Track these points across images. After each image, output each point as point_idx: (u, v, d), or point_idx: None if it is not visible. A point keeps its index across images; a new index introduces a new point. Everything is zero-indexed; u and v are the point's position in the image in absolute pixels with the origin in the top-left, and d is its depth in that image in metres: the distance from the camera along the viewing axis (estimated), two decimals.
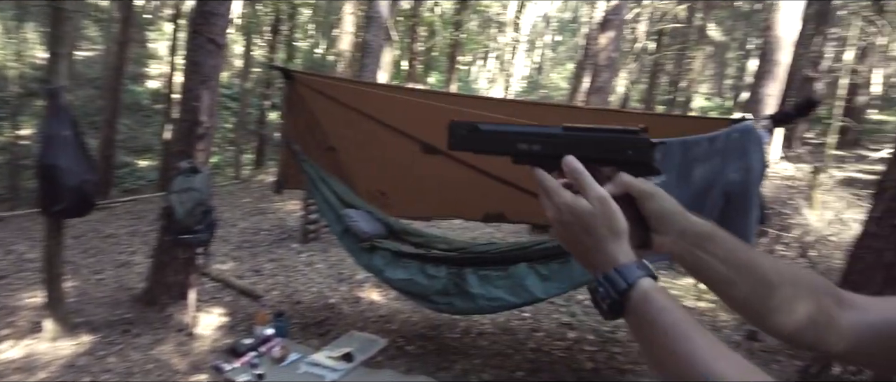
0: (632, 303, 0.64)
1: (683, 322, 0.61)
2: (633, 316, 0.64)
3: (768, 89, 6.75)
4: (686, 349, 0.59)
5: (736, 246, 0.81)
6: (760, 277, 0.78)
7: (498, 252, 3.67)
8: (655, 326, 0.62)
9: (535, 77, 29.68)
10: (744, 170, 2.99)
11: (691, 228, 0.77)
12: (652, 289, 0.64)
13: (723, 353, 0.59)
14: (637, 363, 3.89)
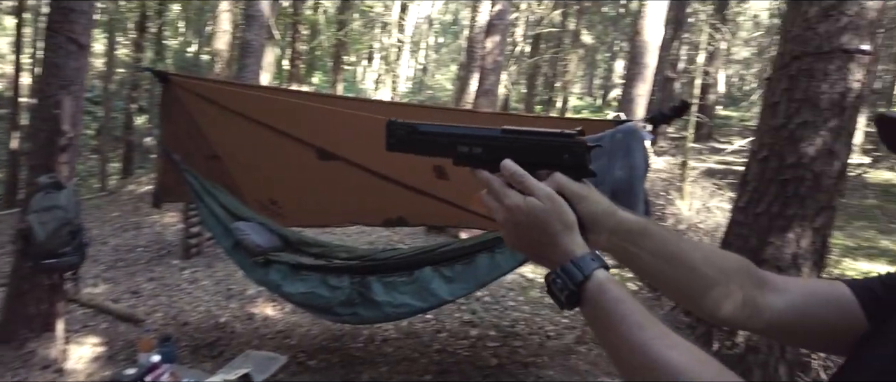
0: (588, 294, 0.66)
1: (637, 312, 0.64)
2: (589, 306, 0.67)
3: (638, 90, 7.33)
4: (640, 338, 0.62)
5: (667, 239, 0.87)
6: (691, 267, 0.84)
7: (401, 257, 3.65)
8: (611, 316, 0.64)
9: (420, 78, 29.97)
10: (628, 168, 3.21)
11: (622, 225, 0.82)
12: (607, 280, 0.67)
13: (675, 342, 0.62)
14: (538, 355, 4.05)
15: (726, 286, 0.87)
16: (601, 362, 3.88)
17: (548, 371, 3.78)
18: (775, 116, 2.78)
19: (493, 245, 3.38)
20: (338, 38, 14.75)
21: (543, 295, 5.45)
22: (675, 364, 0.59)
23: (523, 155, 0.79)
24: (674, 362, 0.59)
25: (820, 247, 2.74)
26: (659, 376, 0.59)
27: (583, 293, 0.67)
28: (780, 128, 2.75)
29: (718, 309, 0.87)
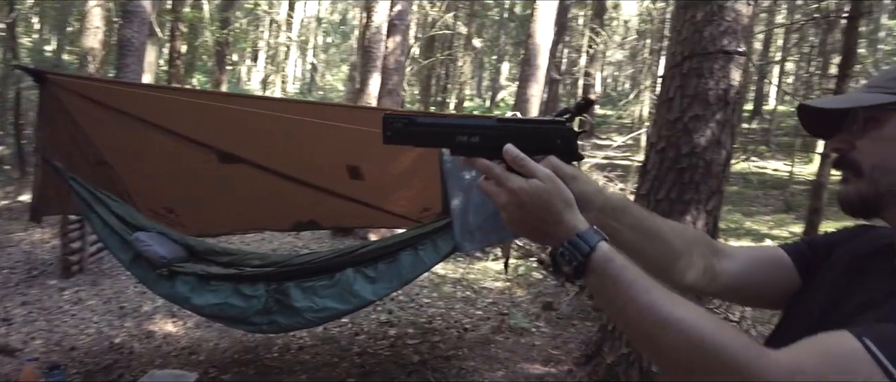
0: (594, 264, 0.70)
1: (641, 277, 0.69)
2: (596, 276, 0.70)
3: (531, 91, 7.70)
4: (648, 299, 0.67)
5: (643, 215, 0.97)
6: (663, 240, 0.95)
7: (319, 261, 3.55)
8: (619, 281, 0.69)
9: (309, 79, 29.19)
10: None
11: (609, 203, 0.92)
12: (610, 250, 0.71)
13: (679, 301, 0.67)
14: (458, 348, 4.13)
15: (690, 256, 0.99)
16: (519, 349, 4.04)
17: (469, 361, 3.87)
18: (671, 111, 3.06)
19: (415, 242, 3.40)
20: (222, 36, 13.98)
21: (456, 289, 5.57)
22: (682, 319, 0.65)
23: (519, 141, 0.82)
24: (681, 317, 0.65)
25: (712, 228, 3.07)
26: (669, 332, 0.65)
27: (589, 264, 0.70)
28: (675, 121, 3.03)
29: (684, 276, 0.97)
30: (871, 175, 0.77)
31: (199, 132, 3.78)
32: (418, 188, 4.31)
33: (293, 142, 3.82)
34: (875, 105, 0.77)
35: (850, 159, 0.81)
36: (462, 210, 3.31)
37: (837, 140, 0.83)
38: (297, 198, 4.28)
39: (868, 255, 0.87)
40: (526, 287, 5.57)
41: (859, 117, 0.79)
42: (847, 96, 0.86)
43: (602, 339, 3.31)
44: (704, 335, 0.64)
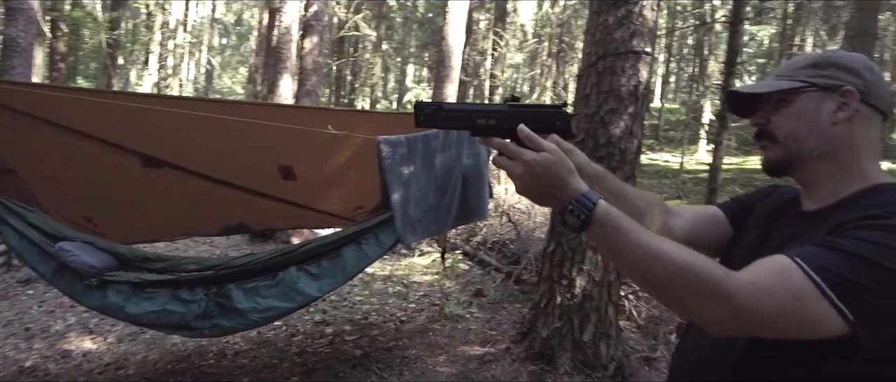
0: (596, 216, 0.88)
1: (634, 224, 0.88)
2: (598, 226, 0.88)
3: (447, 91, 7.95)
4: (643, 239, 0.86)
5: (617, 183, 1.23)
6: (631, 202, 1.20)
7: (260, 261, 3.53)
8: (619, 229, 0.87)
9: (205, 81, 27.81)
10: (474, 156, 3.61)
11: (595, 172, 1.18)
12: (608, 205, 0.89)
13: (663, 239, 0.89)
14: (398, 339, 4.25)
15: (652, 214, 1.24)
16: (457, 334, 4.24)
17: (410, 350, 4.01)
18: (588, 106, 3.39)
19: (357, 237, 3.48)
20: (111, 37, 13.04)
21: (387, 286, 5.69)
22: (669, 252, 0.85)
23: (527, 122, 1.02)
24: (668, 250, 0.85)
25: None
26: (660, 263, 0.84)
27: (592, 216, 0.88)
28: (592, 115, 3.36)
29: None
30: (784, 142, 1.00)
31: (118, 136, 3.62)
32: (352, 186, 4.39)
33: (223, 144, 3.77)
34: (784, 89, 1.00)
35: (768, 131, 1.03)
36: (403, 203, 3.45)
37: (758, 117, 1.05)
38: (226, 201, 4.20)
39: (781, 206, 1.14)
40: (454, 278, 5.80)
41: (773, 99, 1.02)
42: (764, 83, 1.07)
43: (535, 316, 3.59)
44: (687, 262, 0.84)
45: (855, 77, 0.97)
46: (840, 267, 0.79)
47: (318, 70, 6.56)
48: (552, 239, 3.52)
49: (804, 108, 0.99)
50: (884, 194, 0.91)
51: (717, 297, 0.81)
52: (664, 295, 0.89)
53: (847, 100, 0.95)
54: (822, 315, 0.78)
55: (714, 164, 3.55)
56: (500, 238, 5.87)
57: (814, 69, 1.00)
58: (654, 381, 3.39)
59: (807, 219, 1.00)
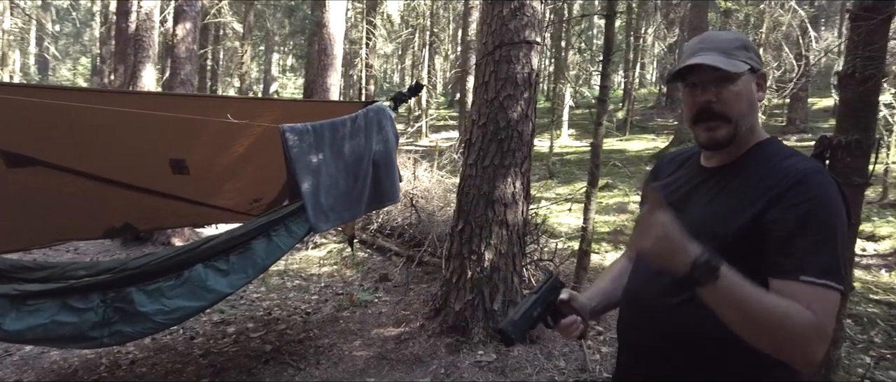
0: (722, 275, 0.97)
1: (748, 282, 0.98)
2: (724, 281, 0.97)
3: (330, 80, 7.87)
4: (757, 295, 0.98)
5: (598, 289, 1.42)
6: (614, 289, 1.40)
7: (160, 261, 3.32)
8: (738, 287, 0.97)
9: (38, 73, 24.48)
10: (384, 142, 3.68)
11: (596, 302, 1.38)
12: (726, 266, 0.98)
13: (769, 293, 1.00)
14: (308, 330, 4.23)
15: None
16: (368, 319, 4.31)
17: (323, 340, 4.02)
18: (487, 92, 3.63)
19: (267, 229, 3.42)
20: None
21: (284, 280, 5.59)
22: (776, 305, 0.98)
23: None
24: (775, 304, 0.98)
25: (526, 186, 3.74)
26: (771, 315, 0.97)
27: (719, 274, 0.97)
28: (491, 100, 3.60)
29: None
30: (737, 122, 1.13)
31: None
32: (249, 178, 4.25)
33: (105, 138, 3.49)
34: (734, 71, 1.10)
35: (719, 112, 1.13)
36: (313, 192, 3.44)
37: (706, 98, 1.14)
38: (109, 201, 3.89)
39: (679, 167, 1.33)
40: (354, 267, 5.83)
41: (712, 75, 1.11)
42: (717, 59, 1.12)
43: (447, 292, 3.78)
44: (784, 313, 0.97)
45: (759, 59, 1.17)
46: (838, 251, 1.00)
47: (191, 59, 6.17)
48: (460, 219, 3.72)
49: (745, 88, 1.13)
50: (769, 147, 1.16)
51: (797, 344, 0.98)
52: (759, 339, 1.00)
53: (761, 82, 1.16)
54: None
55: (595, 142, 3.96)
56: (398, 224, 5.99)
57: (745, 51, 1.14)
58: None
59: (719, 172, 1.20)
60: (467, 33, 13.87)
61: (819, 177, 1.05)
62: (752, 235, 1.05)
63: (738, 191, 1.12)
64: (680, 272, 1.00)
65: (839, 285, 0.98)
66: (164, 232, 6.07)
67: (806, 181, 1.04)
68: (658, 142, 14.07)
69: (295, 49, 24.42)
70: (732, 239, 1.06)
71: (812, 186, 1.04)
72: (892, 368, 3.45)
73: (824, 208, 1.02)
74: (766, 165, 1.12)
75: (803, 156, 1.13)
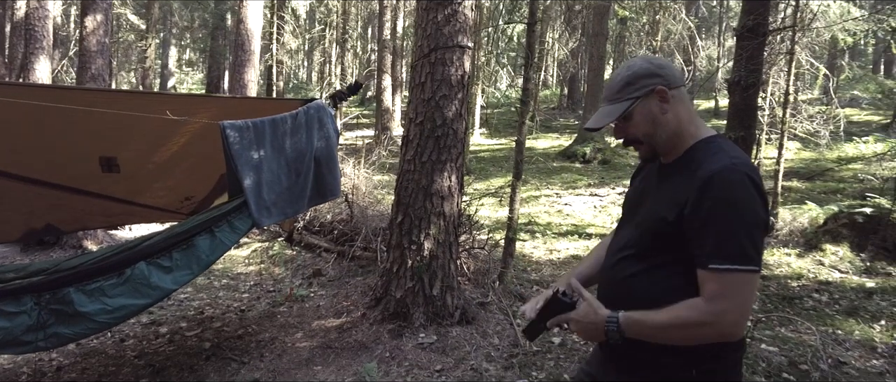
0: (622, 325, 1.32)
1: (644, 314, 1.30)
2: (628, 329, 1.31)
3: (248, 76, 7.74)
4: (652, 321, 1.29)
5: (585, 264, 1.70)
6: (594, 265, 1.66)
7: (98, 261, 3.26)
8: (637, 326, 1.31)
9: None
10: (325, 139, 3.81)
11: (581, 271, 1.68)
12: (625, 314, 1.32)
13: (661, 311, 1.28)
14: (245, 326, 4.25)
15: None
16: (306, 312, 4.41)
17: (263, 334, 4.07)
18: (424, 92, 3.86)
19: (209, 225, 3.44)
20: None
21: (211, 280, 5.53)
22: (669, 317, 1.27)
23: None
24: (668, 316, 1.27)
25: (460, 180, 4.02)
26: (670, 329, 1.27)
27: (622, 330, 1.32)
28: (428, 100, 3.84)
29: None
30: (646, 140, 1.41)
31: None
32: (182, 176, 4.21)
33: (26, 134, 3.36)
34: (621, 113, 1.39)
35: (632, 137, 1.42)
36: (255, 188, 3.51)
37: (619, 133, 1.45)
38: (31, 202, 3.73)
39: (648, 168, 1.60)
40: (281, 264, 5.84)
41: (620, 118, 1.42)
42: (605, 114, 1.43)
43: (388, 281, 3.97)
44: (677, 319, 1.26)
45: (656, 77, 1.38)
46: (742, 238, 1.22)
47: (103, 52, 5.86)
48: (399, 211, 3.93)
49: (642, 115, 1.39)
50: (707, 145, 1.40)
51: (707, 331, 1.25)
52: (683, 342, 1.30)
53: (661, 96, 1.38)
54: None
55: (519, 139, 4.32)
56: (328, 220, 6.07)
57: (629, 87, 1.40)
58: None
59: (665, 169, 1.47)
60: (382, 32, 13.99)
61: (723, 177, 1.24)
62: (680, 225, 1.31)
63: (676, 185, 1.37)
64: (602, 340, 1.36)
65: (745, 266, 1.20)
66: (75, 236, 5.75)
67: (711, 182, 1.25)
68: (562, 141, 14.95)
69: (195, 43, 23.26)
70: (671, 223, 1.32)
71: (716, 187, 1.24)
72: (768, 329, 4.09)
73: (725, 204, 1.22)
74: (691, 166, 1.35)
75: (723, 156, 1.31)
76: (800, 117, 7.78)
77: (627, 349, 1.38)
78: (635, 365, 1.40)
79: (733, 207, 1.22)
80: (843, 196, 7.71)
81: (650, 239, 1.38)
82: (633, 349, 1.37)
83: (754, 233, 1.23)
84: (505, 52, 25.21)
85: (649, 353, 1.35)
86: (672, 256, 1.33)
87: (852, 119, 14.11)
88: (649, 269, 1.36)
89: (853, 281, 5.07)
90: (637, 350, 1.36)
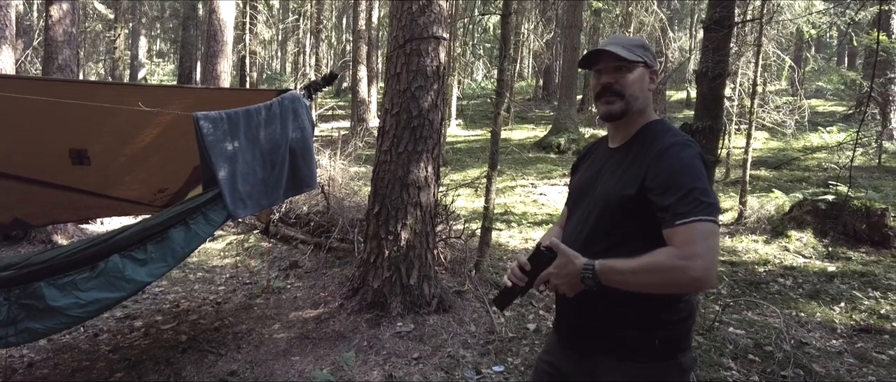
0: (599, 273, 1.35)
1: (620, 261, 1.34)
2: (603, 279, 1.34)
3: (221, 66, 7.63)
4: (626, 266, 1.33)
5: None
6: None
7: (70, 254, 3.21)
8: (613, 272, 1.34)
9: None
10: (300, 129, 3.80)
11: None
12: (599, 262, 1.35)
13: (643, 254, 1.32)
14: (222, 318, 4.24)
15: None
16: (284, 304, 4.40)
17: (240, 326, 4.07)
18: (400, 83, 3.87)
19: (185, 216, 3.41)
20: None
21: (186, 273, 5.47)
22: (644, 262, 1.31)
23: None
24: (643, 262, 1.31)
25: (437, 170, 4.05)
26: (644, 269, 1.31)
27: (598, 276, 1.35)
28: (404, 91, 3.86)
29: None
30: (628, 98, 1.49)
31: None
32: (154, 168, 4.15)
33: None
34: (632, 60, 1.47)
35: (616, 89, 1.48)
36: (230, 179, 3.48)
37: (611, 75, 1.49)
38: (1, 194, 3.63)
39: (595, 150, 1.72)
40: (257, 256, 5.82)
41: (614, 64, 1.47)
42: (623, 50, 1.48)
43: (365, 271, 4.00)
44: (655, 263, 1.30)
45: (653, 58, 1.53)
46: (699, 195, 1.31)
47: (71, 42, 5.72)
48: (376, 202, 3.95)
49: (639, 77, 1.49)
50: (659, 125, 1.52)
51: (679, 275, 1.29)
52: (656, 289, 1.35)
53: (653, 76, 1.53)
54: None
55: (495, 131, 4.36)
56: (304, 212, 6.05)
57: (643, 50, 1.51)
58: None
59: (617, 151, 1.57)
60: (358, 22, 13.89)
61: (676, 149, 1.39)
62: (643, 195, 1.40)
63: (632, 163, 1.47)
64: (580, 289, 1.39)
65: (709, 216, 1.29)
66: (44, 230, 5.63)
67: (665, 153, 1.39)
68: (538, 131, 15.07)
69: (166, 33, 22.76)
70: (634, 197, 1.41)
71: (670, 157, 1.38)
72: (736, 313, 4.23)
73: (683, 168, 1.36)
74: (646, 143, 1.48)
75: (673, 133, 1.46)
76: (767, 108, 7.99)
77: (584, 323, 1.49)
78: (593, 344, 1.48)
79: (690, 169, 1.35)
80: (807, 184, 7.96)
81: (610, 218, 1.46)
82: (590, 320, 1.47)
83: (710, 192, 1.34)
84: (481, 43, 25.25)
85: (607, 323, 1.44)
86: (633, 231, 1.41)
87: (817, 109, 14.54)
88: (612, 247, 1.43)
89: (816, 266, 5.26)
90: (594, 319, 1.46)
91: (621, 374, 1.43)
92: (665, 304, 1.42)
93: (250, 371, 3.41)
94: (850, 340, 3.84)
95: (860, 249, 5.56)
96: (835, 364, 3.44)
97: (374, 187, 4.01)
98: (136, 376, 3.42)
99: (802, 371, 3.30)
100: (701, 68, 2.69)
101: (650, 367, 1.42)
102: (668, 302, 1.42)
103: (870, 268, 5.08)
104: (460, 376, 3.26)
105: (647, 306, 1.40)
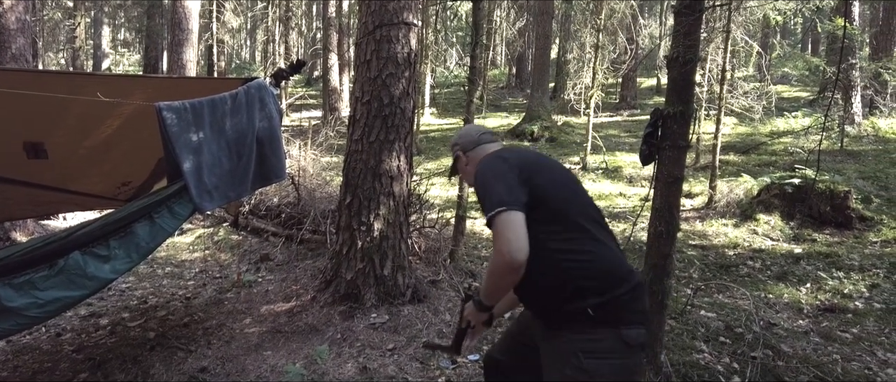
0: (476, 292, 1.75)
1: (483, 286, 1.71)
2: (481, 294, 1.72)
3: (187, 55, 7.41)
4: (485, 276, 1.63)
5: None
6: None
7: (26, 252, 3.07)
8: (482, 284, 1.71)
9: None
10: (268, 119, 3.70)
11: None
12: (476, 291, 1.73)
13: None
14: (191, 314, 4.14)
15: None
16: (255, 298, 4.32)
17: (210, 321, 3.97)
18: (370, 70, 3.79)
19: (149, 210, 3.30)
20: None
21: (154, 268, 5.35)
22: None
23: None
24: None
25: (409, 159, 3.99)
26: (489, 269, 1.59)
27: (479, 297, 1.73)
28: (375, 78, 3.78)
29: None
30: (466, 180, 1.98)
31: None
32: (117, 161, 4.01)
33: None
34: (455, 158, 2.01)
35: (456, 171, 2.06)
36: (195, 171, 3.38)
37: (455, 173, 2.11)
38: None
39: None
40: (227, 250, 5.70)
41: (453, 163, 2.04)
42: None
43: (338, 263, 3.93)
44: (489, 266, 1.58)
45: (458, 144, 2.00)
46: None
47: (24, 31, 5.47)
48: (348, 192, 3.88)
49: (460, 165, 2.02)
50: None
51: (499, 262, 1.52)
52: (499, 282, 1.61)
53: (462, 156, 1.98)
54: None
55: (468, 119, 4.32)
56: (275, 204, 5.94)
57: (454, 147, 2.01)
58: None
59: None
60: (328, 9, 13.65)
61: (479, 167, 1.76)
62: None
63: None
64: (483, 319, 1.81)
65: (499, 208, 1.54)
66: (1, 227, 5.41)
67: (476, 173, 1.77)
68: (510, 120, 15.07)
69: (130, 22, 22.06)
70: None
71: (476, 174, 1.76)
72: (707, 296, 4.30)
73: (478, 181, 1.71)
74: None
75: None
76: (736, 93, 8.10)
77: (532, 308, 1.80)
78: (551, 320, 1.68)
79: (482, 181, 1.68)
80: (775, 168, 8.12)
81: None
82: (529, 304, 1.81)
83: (496, 187, 1.59)
84: (453, 30, 25.08)
85: (547, 300, 1.67)
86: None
87: (783, 95, 14.84)
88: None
89: (783, 248, 5.38)
90: (541, 298, 1.70)
91: (568, 343, 1.60)
92: (578, 273, 1.60)
93: (221, 368, 3.33)
94: (816, 320, 3.93)
95: (825, 231, 5.70)
96: (802, 343, 3.52)
97: (345, 177, 3.94)
98: (102, 376, 3.31)
99: (771, 351, 3.36)
100: (672, 53, 2.69)
101: (588, 334, 1.57)
102: (580, 269, 1.60)
103: (834, 249, 5.21)
104: (436, 366, 3.24)
105: (563, 277, 1.60)
